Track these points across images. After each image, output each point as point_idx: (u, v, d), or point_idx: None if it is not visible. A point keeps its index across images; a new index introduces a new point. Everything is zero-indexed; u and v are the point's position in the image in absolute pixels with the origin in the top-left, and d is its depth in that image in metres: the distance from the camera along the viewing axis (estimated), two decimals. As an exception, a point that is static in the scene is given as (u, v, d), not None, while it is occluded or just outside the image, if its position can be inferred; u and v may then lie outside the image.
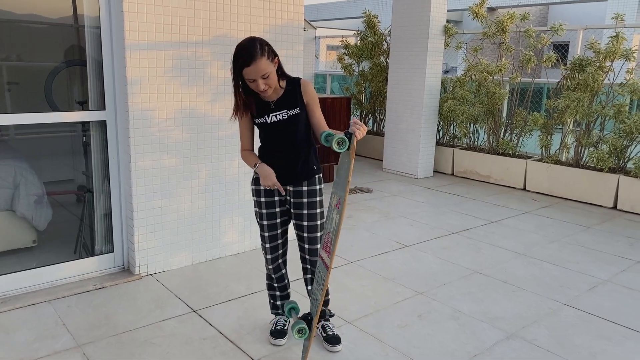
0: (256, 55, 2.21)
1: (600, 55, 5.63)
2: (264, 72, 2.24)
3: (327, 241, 2.36)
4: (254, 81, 2.27)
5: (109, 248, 3.51)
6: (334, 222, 2.30)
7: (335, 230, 2.31)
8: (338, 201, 2.30)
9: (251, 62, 2.21)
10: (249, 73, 2.24)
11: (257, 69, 2.22)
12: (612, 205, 5.67)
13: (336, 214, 2.30)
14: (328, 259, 2.34)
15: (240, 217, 3.91)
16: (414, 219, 5.07)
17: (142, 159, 3.34)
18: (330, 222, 2.35)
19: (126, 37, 3.14)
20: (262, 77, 2.26)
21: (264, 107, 2.45)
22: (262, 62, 2.22)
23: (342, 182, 2.27)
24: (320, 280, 2.38)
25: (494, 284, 3.59)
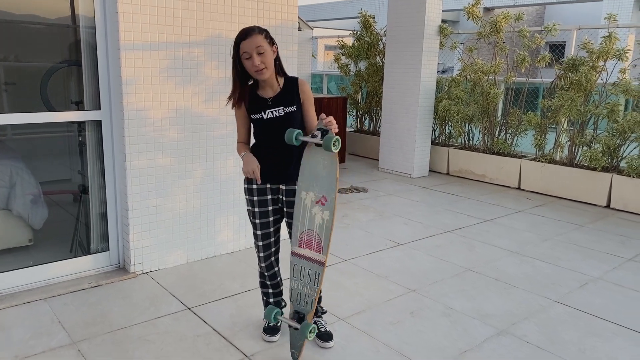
0: (253, 31, 2.35)
1: (594, 55, 5.67)
2: (259, 45, 2.33)
3: (308, 239, 2.39)
4: (250, 58, 2.34)
5: (105, 247, 3.54)
6: (318, 219, 2.34)
7: (327, 228, 2.35)
8: (322, 198, 2.33)
9: (247, 36, 2.34)
10: (245, 46, 2.33)
11: (253, 41, 2.33)
12: (605, 204, 5.71)
13: (320, 211, 2.34)
14: (319, 256, 2.38)
15: (235, 215, 3.94)
16: (409, 217, 5.10)
17: (137, 158, 3.37)
18: (311, 219, 2.37)
19: (121, 38, 3.17)
20: (258, 53, 2.34)
21: (260, 103, 2.50)
22: (258, 37, 2.34)
23: (328, 181, 2.30)
24: (311, 277, 2.42)
25: (486, 281, 3.63)
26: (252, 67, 2.37)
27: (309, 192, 2.38)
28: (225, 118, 3.75)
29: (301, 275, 2.46)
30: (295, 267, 2.48)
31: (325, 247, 2.41)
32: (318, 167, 2.35)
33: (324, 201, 2.36)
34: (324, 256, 2.42)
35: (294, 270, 2.49)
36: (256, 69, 2.36)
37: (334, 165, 2.32)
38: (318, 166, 2.35)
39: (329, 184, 2.34)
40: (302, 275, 2.46)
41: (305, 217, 2.42)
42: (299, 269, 2.47)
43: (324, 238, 2.39)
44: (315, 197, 2.37)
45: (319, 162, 2.35)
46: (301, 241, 2.45)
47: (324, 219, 2.38)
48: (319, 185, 2.36)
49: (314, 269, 2.43)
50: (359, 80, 8.32)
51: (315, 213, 2.38)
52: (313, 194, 2.37)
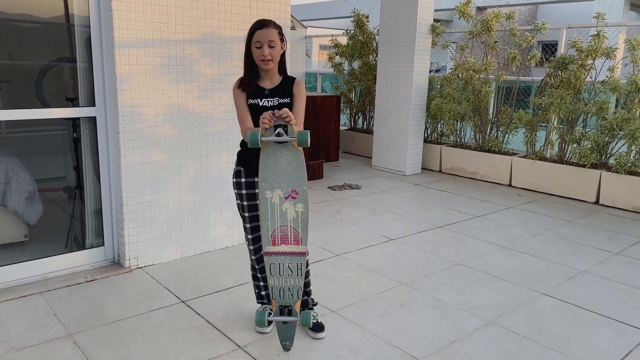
0: (269, 24, 2.51)
1: (583, 54, 5.76)
2: (272, 39, 2.48)
3: (283, 235, 2.42)
4: (261, 47, 2.48)
5: (100, 242, 3.59)
6: (291, 213, 2.38)
7: (303, 219, 2.39)
8: (293, 192, 2.37)
9: (263, 26, 2.49)
10: (259, 35, 2.47)
11: (267, 33, 2.48)
12: (594, 200, 5.80)
13: (292, 205, 2.38)
14: (298, 247, 2.43)
15: (229, 211, 3.99)
16: (401, 214, 5.17)
17: (132, 154, 3.42)
18: (282, 216, 2.40)
19: (115, 35, 3.22)
20: (269, 45, 2.48)
21: (259, 92, 2.60)
22: (273, 31, 2.49)
23: (296, 174, 2.35)
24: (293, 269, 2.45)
25: (476, 275, 3.70)
26: (260, 56, 2.50)
27: (275, 190, 2.39)
28: (219, 115, 3.80)
29: (280, 271, 2.48)
30: (273, 265, 2.48)
31: (304, 237, 2.45)
32: (281, 164, 2.36)
33: (295, 195, 2.39)
34: (304, 247, 2.46)
35: (271, 269, 2.48)
36: (263, 58, 2.49)
37: (301, 158, 2.37)
38: (280, 162, 2.36)
39: (298, 178, 2.37)
40: (281, 271, 2.47)
41: (275, 215, 2.43)
42: (276, 266, 2.47)
43: (301, 230, 2.43)
44: (283, 194, 2.39)
45: (280, 158, 2.36)
46: (274, 239, 2.46)
47: (297, 211, 2.41)
48: (286, 181, 2.38)
49: (294, 261, 2.47)
50: (353, 79, 8.38)
51: (287, 208, 2.41)
52: (280, 190, 2.38)
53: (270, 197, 2.40)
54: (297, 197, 2.36)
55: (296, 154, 2.34)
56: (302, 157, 2.35)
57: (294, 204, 2.38)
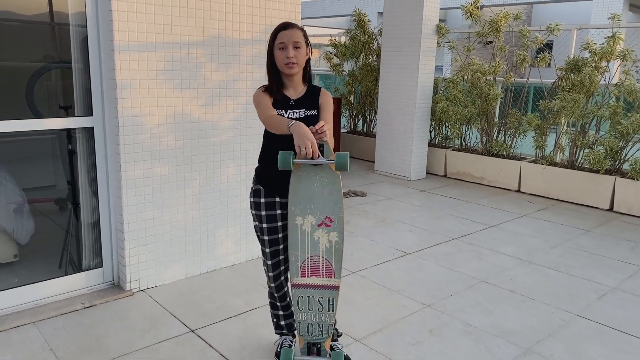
0: (294, 25, 2.32)
1: (596, 56, 5.57)
2: (297, 40, 2.27)
3: (314, 266, 2.18)
4: (285, 49, 2.26)
5: (98, 262, 3.30)
6: (324, 242, 2.14)
7: (337, 250, 2.15)
8: (326, 219, 2.13)
9: (288, 27, 2.29)
10: (283, 36, 2.27)
11: (292, 34, 2.27)
12: (608, 207, 5.62)
13: (326, 233, 2.14)
14: (331, 281, 2.18)
15: (236, 226, 3.72)
16: (412, 224, 4.93)
17: (133, 168, 3.13)
18: (314, 245, 2.16)
19: (115, 38, 2.93)
20: (294, 46, 2.26)
21: (284, 101, 2.34)
22: (298, 32, 2.29)
23: (332, 200, 2.11)
24: (324, 304, 2.21)
25: (502, 293, 3.47)
26: (284, 59, 2.26)
27: (307, 216, 2.16)
28: (226, 123, 3.52)
29: (310, 305, 2.23)
30: (301, 299, 2.24)
31: (337, 270, 2.21)
32: (314, 187, 2.13)
33: (329, 222, 2.15)
34: (337, 280, 2.22)
35: (300, 303, 2.25)
36: (288, 60, 2.25)
37: (337, 182, 2.12)
38: (314, 186, 2.13)
39: (333, 203, 2.13)
40: (311, 305, 2.23)
41: (305, 244, 2.19)
42: (305, 300, 2.24)
43: (335, 261, 2.19)
44: (316, 220, 2.16)
45: (313, 181, 2.14)
46: (304, 270, 2.23)
47: (331, 241, 2.17)
48: (319, 207, 2.15)
49: (326, 295, 2.23)
50: (352, 80, 8.13)
51: (319, 237, 2.17)
52: (312, 217, 2.15)
53: (300, 223, 2.14)
54: (331, 225, 2.11)
55: (332, 177, 2.09)
56: (339, 180, 2.10)
57: (327, 232, 2.12)
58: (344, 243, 2.15)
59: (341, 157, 2.03)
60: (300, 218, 2.14)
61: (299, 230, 2.15)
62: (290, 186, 2.15)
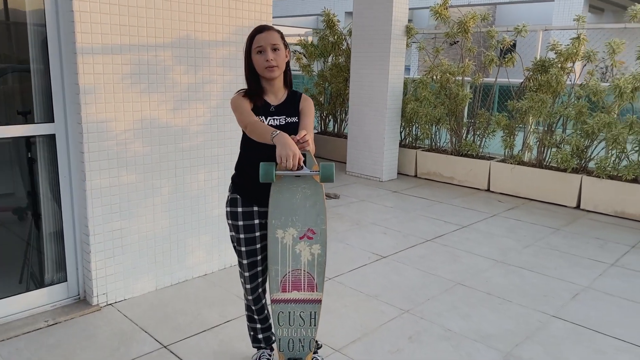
0: (270, 27, 2.23)
1: (562, 57, 5.66)
2: (275, 43, 2.18)
3: (295, 280, 2.11)
4: (263, 52, 2.16)
5: (62, 276, 3.13)
6: (306, 255, 2.07)
7: (320, 263, 2.08)
8: (309, 231, 2.06)
9: (264, 30, 2.20)
10: (260, 40, 2.17)
11: (269, 36, 2.18)
12: (575, 205, 5.73)
13: (308, 246, 2.07)
14: (313, 294, 2.11)
15: (208, 234, 3.60)
16: (386, 226, 4.90)
17: (98, 176, 2.98)
18: (295, 258, 2.09)
19: (77, 40, 2.77)
20: (272, 49, 2.17)
21: (264, 107, 2.24)
22: (275, 34, 2.20)
23: (314, 211, 2.03)
24: (306, 319, 2.13)
25: (478, 296, 3.46)
26: (263, 63, 2.16)
27: (288, 229, 2.08)
28: (196, 128, 3.40)
29: (291, 321, 2.16)
30: (281, 314, 2.16)
31: (319, 283, 2.14)
32: (296, 199, 2.06)
33: (311, 234, 2.08)
34: (319, 293, 2.15)
35: (280, 319, 2.17)
36: (268, 64, 2.15)
37: (320, 192, 2.05)
38: (296, 197, 2.06)
39: (315, 215, 2.06)
40: (292, 321, 2.16)
41: (286, 258, 2.12)
42: (286, 315, 2.16)
43: (317, 274, 2.12)
44: (297, 233, 2.08)
45: (295, 192, 2.06)
46: (285, 285, 2.15)
47: (313, 254, 2.09)
48: (301, 219, 2.07)
49: (308, 309, 2.15)
50: (322, 80, 8.07)
51: (301, 250, 2.10)
52: (294, 229, 2.08)
53: (281, 237, 2.05)
54: (313, 237, 2.03)
55: (315, 188, 2.01)
56: (321, 191, 2.02)
57: (309, 244, 2.04)
58: (326, 255, 2.07)
59: (327, 169, 1.94)
60: (281, 231, 2.06)
61: (279, 243, 2.07)
62: (270, 198, 2.06)
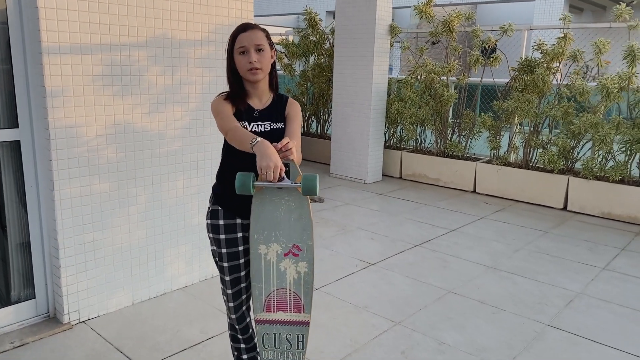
0: (254, 26, 2.05)
1: (548, 57, 5.59)
2: (259, 43, 2.01)
3: (280, 299, 1.95)
4: (246, 53, 2.00)
5: (29, 293, 2.91)
6: (292, 274, 1.90)
7: (307, 282, 1.92)
8: (294, 248, 1.90)
9: (247, 29, 2.02)
10: (243, 39, 2.00)
11: (253, 36, 2.01)
12: (562, 206, 5.67)
13: (293, 264, 1.91)
14: (301, 316, 1.95)
15: (188, 244, 3.41)
16: (373, 230, 4.76)
17: (68, 185, 2.77)
18: (280, 276, 1.92)
19: (43, 39, 2.56)
20: (256, 50, 2.00)
21: (247, 112, 2.07)
22: (259, 34, 2.03)
23: (299, 226, 1.87)
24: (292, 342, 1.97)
25: (471, 305, 3.34)
26: (246, 64, 1.99)
27: (271, 244, 1.92)
28: (173, 132, 3.21)
29: (277, 343, 1.99)
30: (266, 336, 1.99)
31: (307, 304, 1.97)
32: (279, 212, 1.89)
33: (297, 251, 1.91)
34: (307, 315, 1.99)
35: (265, 340, 2.00)
36: (251, 66, 1.98)
37: (305, 205, 1.88)
38: (279, 210, 1.89)
39: (301, 230, 1.89)
40: (278, 343, 1.99)
41: (270, 276, 1.95)
42: (271, 337, 1.99)
43: (304, 294, 1.95)
44: (282, 249, 1.92)
45: (278, 205, 1.88)
46: (270, 305, 1.98)
47: (300, 272, 1.93)
48: (286, 234, 1.90)
49: (294, 331, 1.99)
50: (305, 81, 7.90)
51: (286, 267, 1.93)
52: (278, 245, 1.91)
53: (264, 252, 1.88)
54: (299, 254, 1.87)
55: (300, 200, 1.84)
56: (307, 203, 1.86)
57: (295, 262, 1.88)
58: (314, 274, 1.91)
59: (309, 180, 1.77)
60: (264, 247, 1.89)
61: (262, 260, 1.90)
62: (252, 211, 1.89)
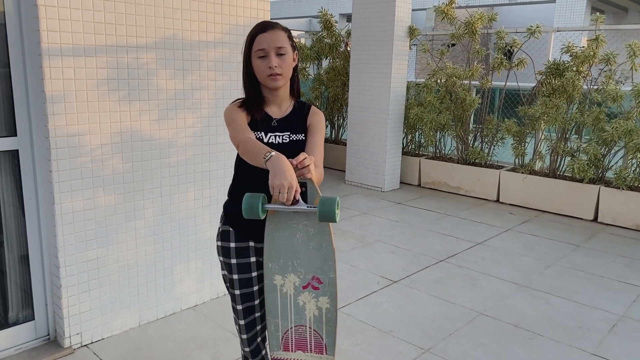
0: (275, 26, 1.79)
1: (578, 60, 5.30)
2: (281, 45, 1.75)
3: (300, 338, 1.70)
4: (266, 57, 1.75)
5: (28, 314, 2.69)
6: (311, 309, 1.66)
7: (330, 319, 1.67)
8: (313, 280, 1.65)
9: (267, 29, 1.77)
10: (262, 41, 1.75)
11: (275, 37, 1.75)
12: (592, 217, 5.36)
13: (313, 298, 1.66)
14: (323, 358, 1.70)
15: (198, 260, 3.18)
16: (393, 244, 4.50)
17: (70, 199, 2.55)
18: (299, 312, 1.68)
19: (43, 40, 2.35)
20: (277, 53, 1.75)
21: (263, 123, 1.83)
22: (281, 35, 1.77)
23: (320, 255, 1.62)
24: None
25: (505, 329, 3.07)
26: (265, 69, 1.74)
27: (288, 274, 1.68)
28: (184, 140, 2.98)
29: None
30: None
31: (330, 344, 1.72)
32: (295, 238, 1.64)
33: (317, 284, 1.66)
34: (330, 357, 1.74)
35: None
36: (271, 72, 1.73)
37: (327, 231, 1.61)
38: (296, 237, 1.64)
39: (322, 260, 1.63)
40: None
41: (287, 310, 1.70)
42: None
43: (326, 334, 1.70)
44: (300, 281, 1.68)
45: (295, 230, 1.63)
46: (288, 343, 1.73)
47: (320, 307, 1.68)
48: (304, 264, 1.66)
49: None
50: (319, 84, 7.67)
51: (305, 302, 1.68)
52: (295, 276, 1.67)
53: (280, 284, 1.64)
54: (320, 288, 1.63)
55: (320, 226, 1.59)
56: (328, 230, 1.60)
57: (315, 296, 1.63)
58: (337, 310, 1.65)
59: (326, 204, 1.46)
60: (280, 277, 1.65)
61: (278, 292, 1.66)
62: (265, 236, 1.65)
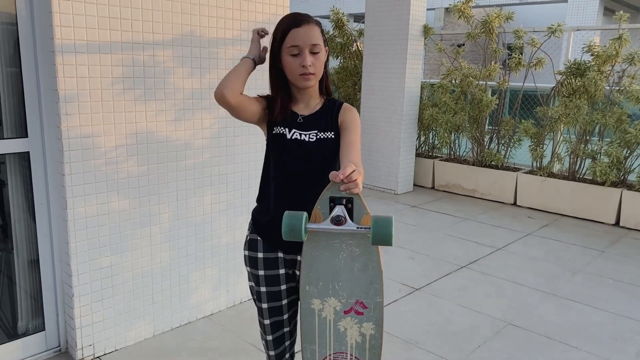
0: (310, 20, 1.64)
1: (599, 59, 5.15)
2: (316, 43, 1.61)
3: None
4: (299, 54, 1.61)
5: (39, 325, 2.57)
6: (354, 336, 1.52)
7: (374, 346, 1.54)
8: (357, 304, 1.51)
9: (302, 23, 1.61)
10: (297, 37, 1.60)
11: (310, 33, 1.61)
12: (614, 221, 5.21)
13: (357, 324, 1.52)
14: None
15: (215, 267, 3.05)
16: (412, 249, 4.36)
17: (83, 203, 2.43)
18: (339, 338, 1.54)
19: (56, 36, 2.22)
20: (311, 51, 1.61)
21: (289, 118, 1.71)
22: (316, 30, 1.63)
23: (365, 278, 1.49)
24: None
25: (536, 341, 2.93)
26: (298, 68, 1.61)
27: (328, 298, 1.54)
28: (201, 142, 2.85)
29: None
30: None
31: None
32: (338, 259, 1.50)
33: (361, 309, 1.52)
34: None
35: None
36: (304, 71, 1.60)
37: (374, 252, 1.47)
38: (338, 257, 1.50)
39: (367, 283, 1.50)
40: None
41: (326, 337, 1.57)
42: None
43: None
44: (342, 305, 1.54)
45: (338, 250, 1.49)
46: None
47: (364, 334, 1.54)
48: (347, 287, 1.52)
49: None
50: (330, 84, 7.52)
51: (347, 328, 1.55)
52: (336, 300, 1.54)
53: (319, 309, 1.51)
54: (364, 313, 1.49)
55: (366, 245, 1.45)
56: (376, 249, 1.46)
57: (359, 322, 1.50)
58: (382, 337, 1.52)
59: (381, 226, 1.29)
60: (319, 301, 1.51)
61: (316, 317, 1.52)
62: (302, 256, 1.51)
